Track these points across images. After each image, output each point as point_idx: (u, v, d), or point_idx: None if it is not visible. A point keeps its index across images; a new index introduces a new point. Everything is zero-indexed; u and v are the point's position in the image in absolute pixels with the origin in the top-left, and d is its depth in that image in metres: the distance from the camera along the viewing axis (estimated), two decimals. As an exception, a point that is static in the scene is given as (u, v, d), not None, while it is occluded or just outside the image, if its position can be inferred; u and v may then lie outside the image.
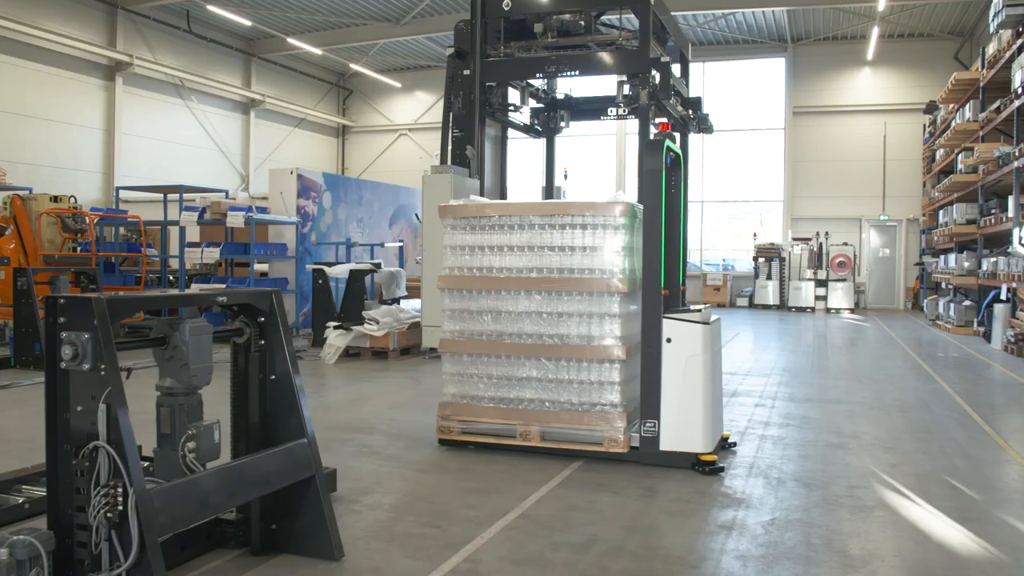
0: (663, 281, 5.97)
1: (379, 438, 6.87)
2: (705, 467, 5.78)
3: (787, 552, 4.31)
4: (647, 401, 5.92)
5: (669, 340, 5.86)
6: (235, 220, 13.18)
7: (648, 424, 5.90)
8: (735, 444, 6.66)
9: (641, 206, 6.05)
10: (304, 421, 4.21)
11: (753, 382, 10.25)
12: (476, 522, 4.70)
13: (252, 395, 4.29)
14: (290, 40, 25.67)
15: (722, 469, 5.84)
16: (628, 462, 5.96)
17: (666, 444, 5.87)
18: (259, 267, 14.81)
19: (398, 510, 4.92)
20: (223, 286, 12.58)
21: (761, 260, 25.13)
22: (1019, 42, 14.10)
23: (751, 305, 25.50)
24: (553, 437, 6.18)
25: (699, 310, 6.17)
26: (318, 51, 26.74)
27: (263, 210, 14.68)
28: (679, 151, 6.36)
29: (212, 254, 13.40)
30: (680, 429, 5.85)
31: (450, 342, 6.48)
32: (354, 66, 29.04)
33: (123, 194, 17.75)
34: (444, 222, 6.52)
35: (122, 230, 15.90)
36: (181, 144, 25.17)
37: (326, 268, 13.26)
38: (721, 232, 28.57)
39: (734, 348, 14.14)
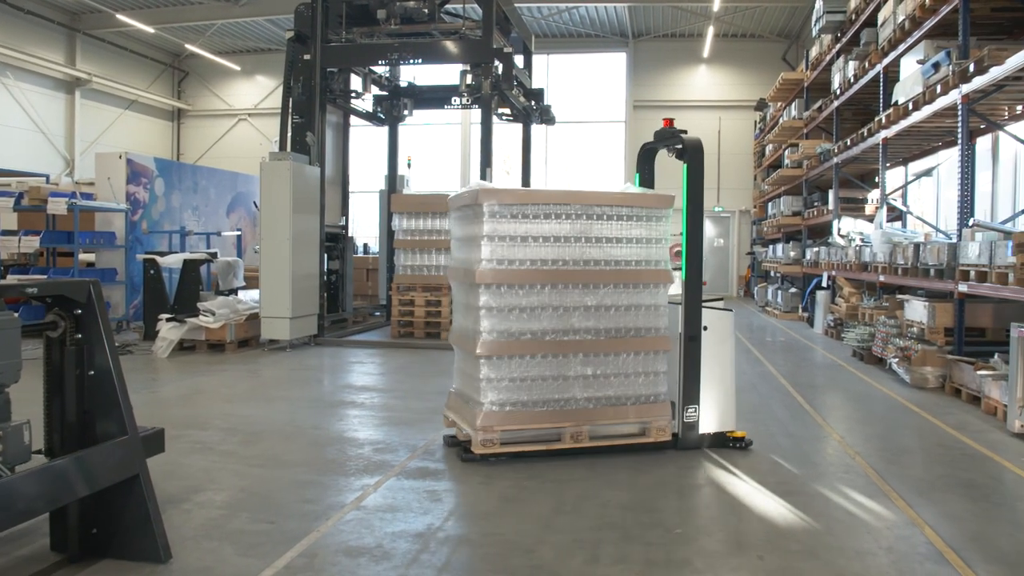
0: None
1: (213, 433, 6.61)
2: (739, 443, 6.23)
3: (618, 533, 4.44)
4: (689, 387, 6.13)
5: (706, 328, 6.20)
6: (57, 207, 12.37)
7: (690, 410, 6.13)
8: None
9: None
10: (126, 417, 3.99)
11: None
12: (313, 515, 4.60)
13: (68, 391, 4.01)
14: (119, 16, 24.19)
15: (751, 443, 6.27)
16: (665, 448, 6.11)
17: (704, 427, 6.20)
18: (85, 257, 13.97)
19: (231, 507, 4.75)
20: (43, 277, 11.77)
21: (603, 250, 25.71)
22: (838, 47, 15.06)
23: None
24: (600, 435, 6.05)
25: (720, 299, 6.61)
26: (150, 29, 25.35)
27: (89, 196, 13.85)
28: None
29: (31, 243, 12.53)
30: (714, 411, 6.24)
31: (494, 344, 5.76)
32: (190, 47, 27.71)
33: (-73, 177, 16.29)
34: (485, 207, 5.76)
35: (-74, 216, 14.63)
36: (-5, 124, 23.39)
37: (158, 258, 12.68)
38: (564, 222, 29.01)
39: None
